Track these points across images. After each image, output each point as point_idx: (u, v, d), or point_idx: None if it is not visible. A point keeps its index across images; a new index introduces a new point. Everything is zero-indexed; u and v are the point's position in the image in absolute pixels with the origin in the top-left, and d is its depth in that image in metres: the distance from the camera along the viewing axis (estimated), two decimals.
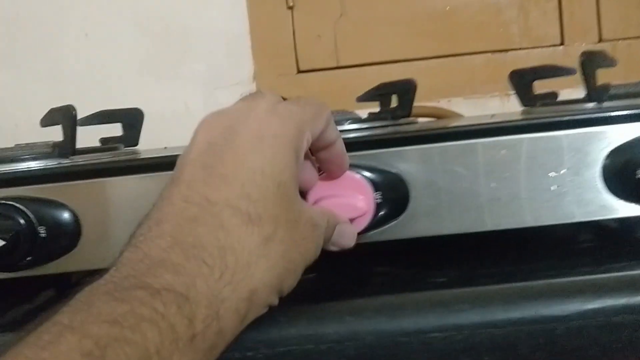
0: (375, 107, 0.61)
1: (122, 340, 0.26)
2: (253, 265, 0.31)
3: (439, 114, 0.82)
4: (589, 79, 0.46)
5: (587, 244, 0.46)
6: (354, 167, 0.41)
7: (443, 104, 0.89)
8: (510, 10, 0.93)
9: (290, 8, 0.95)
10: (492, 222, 0.41)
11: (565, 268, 0.38)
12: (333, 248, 0.39)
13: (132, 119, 0.62)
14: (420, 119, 0.66)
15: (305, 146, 0.36)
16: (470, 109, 0.89)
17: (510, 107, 0.88)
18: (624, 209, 0.40)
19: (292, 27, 0.95)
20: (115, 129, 0.63)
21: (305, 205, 0.36)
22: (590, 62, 0.47)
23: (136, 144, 0.62)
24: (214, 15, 0.95)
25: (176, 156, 0.36)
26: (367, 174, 0.41)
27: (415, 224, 0.41)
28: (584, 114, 0.42)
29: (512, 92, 0.59)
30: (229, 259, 0.31)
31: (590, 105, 0.47)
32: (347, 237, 0.39)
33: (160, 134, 0.65)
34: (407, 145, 0.41)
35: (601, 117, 0.41)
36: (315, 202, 0.40)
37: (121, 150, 0.58)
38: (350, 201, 0.40)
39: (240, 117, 0.35)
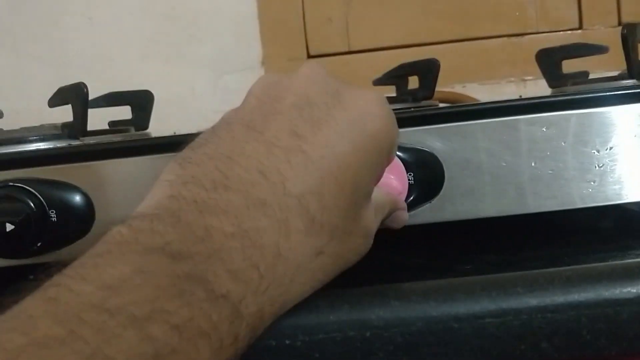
0: (390, 93, 0.59)
1: (181, 353, 0.23)
2: (296, 279, 0.28)
3: (455, 99, 0.80)
4: (629, 52, 0.44)
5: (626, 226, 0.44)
6: None
7: (458, 89, 0.87)
8: None
9: None
10: (534, 203, 0.39)
11: (614, 250, 0.36)
12: (379, 227, 0.36)
13: (142, 101, 0.61)
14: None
15: (393, 157, 0.33)
16: (486, 95, 0.87)
17: (527, 93, 0.86)
18: None
19: (302, 10, 0.92)
20: (123, 114, 0.61)
21: (368, 209, 0.32)
22: (632, 35, 0.44)
23: (146, 127, 0.60)
24: None
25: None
26: (399, 152, 0.38)
27: (451, 206, 0.39)
28: (629, 89, 0.40)
29: (530, 77, 0.57)
30: (279, 270, 0.27)
31: (630, 82, 0.45)
32: (397, 223, 0.37)
33: (167, 119, 0.64)
34: (442, 122, 0.39)
35: None
36: None
37: (132, 133, 0.56)
38: (383, 180, 0.37)
39: (349, 89, 0.31)
